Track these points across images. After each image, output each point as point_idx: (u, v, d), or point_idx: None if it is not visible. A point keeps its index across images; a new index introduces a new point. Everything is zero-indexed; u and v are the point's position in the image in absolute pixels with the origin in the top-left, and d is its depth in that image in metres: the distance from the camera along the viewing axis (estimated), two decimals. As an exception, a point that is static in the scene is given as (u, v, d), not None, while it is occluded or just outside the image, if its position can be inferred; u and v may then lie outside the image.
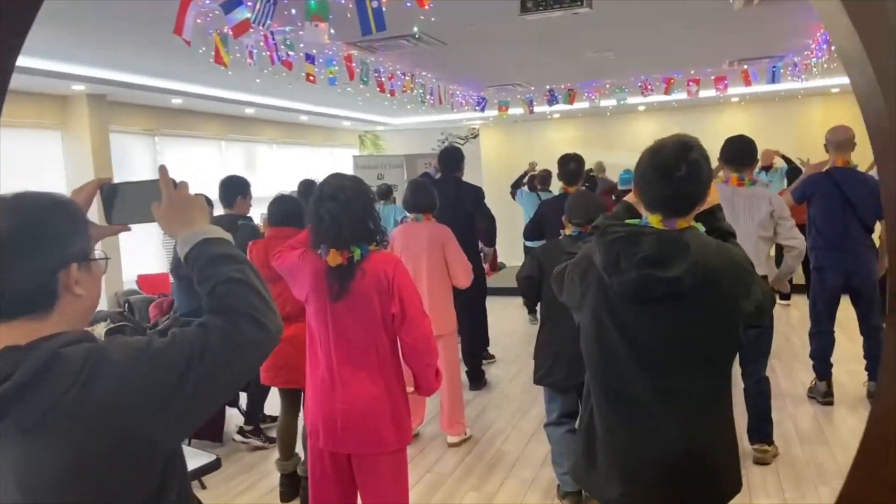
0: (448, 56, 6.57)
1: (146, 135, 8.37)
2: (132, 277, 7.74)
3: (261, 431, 4.55)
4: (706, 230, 1.87)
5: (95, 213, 1.30)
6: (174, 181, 1.31)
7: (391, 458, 2.62)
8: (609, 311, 1.80)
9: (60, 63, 6.13)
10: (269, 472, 4.07)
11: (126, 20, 4.79)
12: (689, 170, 1.72)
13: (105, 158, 7.38)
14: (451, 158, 5.54)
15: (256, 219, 5.71)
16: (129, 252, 7.29)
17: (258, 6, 3.90)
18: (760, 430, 3.84)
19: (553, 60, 7.24)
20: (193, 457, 2.80)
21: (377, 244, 2.53)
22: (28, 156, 6.95)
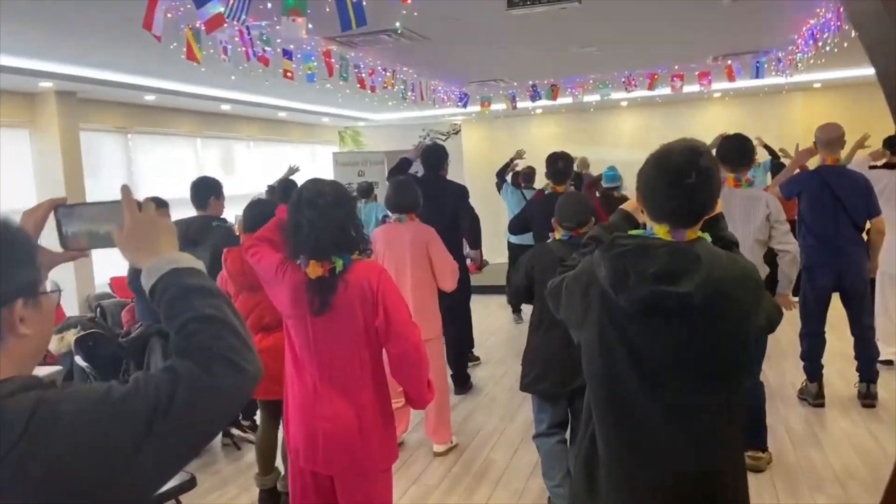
0: (430, 51, 6.41)
1: (118, 133, 8.12)
2: (104, 280, 7.49)
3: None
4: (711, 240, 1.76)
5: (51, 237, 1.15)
6: (138, 202, 1.17)
7: (376, 479, 2.48)
8: (614, 329, 1.68)
9: (27, 59, 5.89)
10: (248, 487, 3.91)
11: (95, 15, 4.58)
12: (700, 177, 1.60)
13: (75, 157, 7.13)
14: (435, 156, 5.39)
15: (231, 219, 5.52)
16: (102, 253, 7.04)
17: (232, 1, 3.73)
18: (754, 437, 3.74)
19: (537, 56, 7.11)
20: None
21: (360, 253, 2.38)
22: (-6, 155, 6.69)
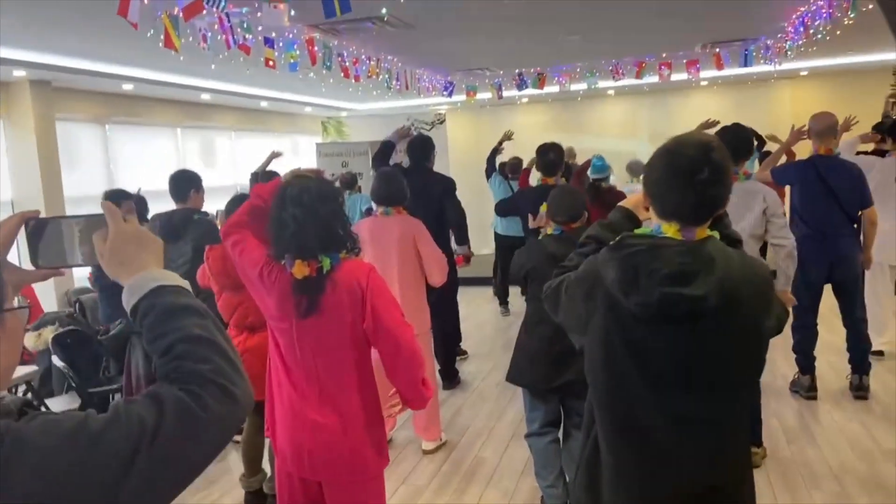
0: (415, 39, 6.27)
1: (96, 123, 7.90)
2: (84, 274, 7.30)
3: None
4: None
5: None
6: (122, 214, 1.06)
7: (367, 485, 2.39)
8: (620, 333, 1.58)
9: (-2, 47, 5.69)
10: (233, 488, 3.80)
11: (69, 1, 4.40)
12: (713, 172, 1.51)
13: (51, 148, 6.92)
14: (421, 147, 5.27)
15: (212, 213, 5.38)
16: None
17: (211, -15, 3.59)
18: (749, 432, 3.68)
19: (523, 44, 6.99)
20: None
21: (348, 251, 2.27)
22: (-34, 147, 6.49)
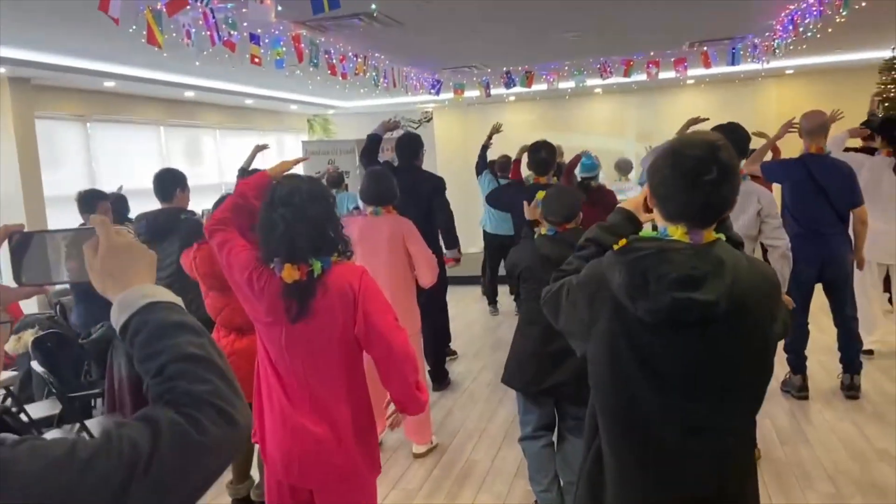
0: (403, 36, 6.20)
1: (77, 121, 7.76)
2: (65, 275, 7.19)
3: None
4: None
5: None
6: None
7: (360, 493, 2.33)
8: (626, 339, 1.53)
9: (-25, 43, 5.56)
10: (219, 495, 3.71)
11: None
12: (721, 172, 1.46)
13: (31, 147, 6.78)
14: (410, 145, 5.20)
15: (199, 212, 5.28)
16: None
17: (195, -20, 3.50)
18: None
19: (512, 41, 6.94)
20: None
21: (340, 254, 2.20)
22: (-57, 145, 6.34)
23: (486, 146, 6.82)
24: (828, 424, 4.19)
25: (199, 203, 5.28)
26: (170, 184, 4.13)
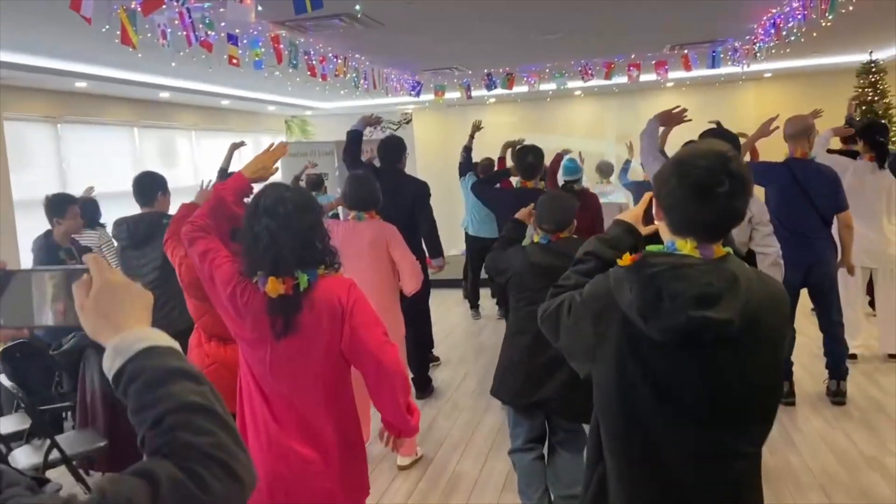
0: (384, 38, 6.10)
1: (47, 122, 7.55)
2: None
3: None
4: None
5: None
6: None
7: (347, 515, 2.23)
8: (636, 360, 1.45)
9: (-60, 42, 5.36)
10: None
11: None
12: (733, 184, 1.39)
13: (-1, 148, 6.60)
14: (393, 149, 5.10)
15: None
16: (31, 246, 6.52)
17: (171, -22, 3.37)
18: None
19: (494, 43, 6.87)
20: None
21: (327, 267, 2.10)
22: None
23: (469, 147, 6.70)
24: (816, 432, 4.16)
25: (176, 206, 5.12)
26: (150, 187, 4.00)
